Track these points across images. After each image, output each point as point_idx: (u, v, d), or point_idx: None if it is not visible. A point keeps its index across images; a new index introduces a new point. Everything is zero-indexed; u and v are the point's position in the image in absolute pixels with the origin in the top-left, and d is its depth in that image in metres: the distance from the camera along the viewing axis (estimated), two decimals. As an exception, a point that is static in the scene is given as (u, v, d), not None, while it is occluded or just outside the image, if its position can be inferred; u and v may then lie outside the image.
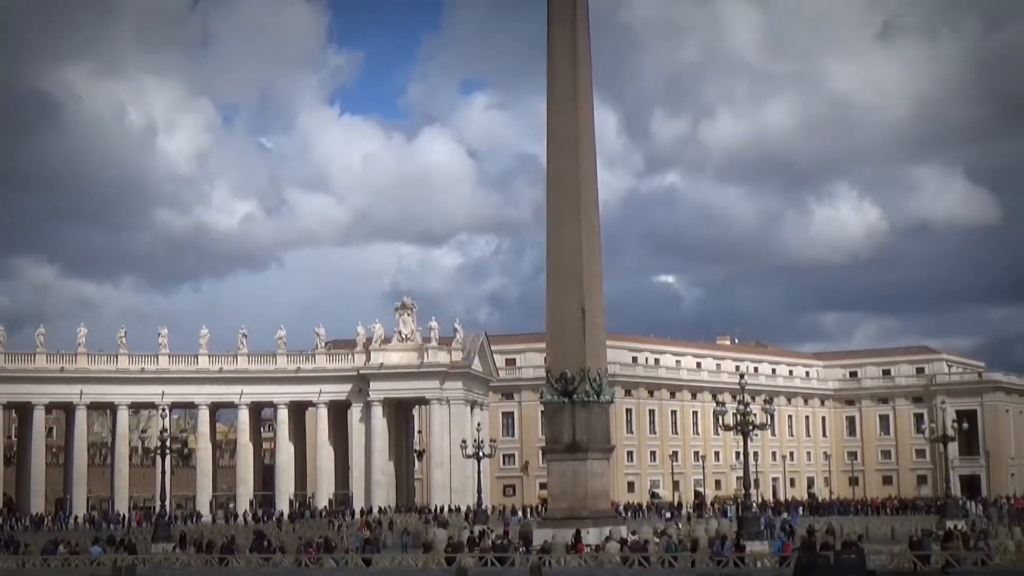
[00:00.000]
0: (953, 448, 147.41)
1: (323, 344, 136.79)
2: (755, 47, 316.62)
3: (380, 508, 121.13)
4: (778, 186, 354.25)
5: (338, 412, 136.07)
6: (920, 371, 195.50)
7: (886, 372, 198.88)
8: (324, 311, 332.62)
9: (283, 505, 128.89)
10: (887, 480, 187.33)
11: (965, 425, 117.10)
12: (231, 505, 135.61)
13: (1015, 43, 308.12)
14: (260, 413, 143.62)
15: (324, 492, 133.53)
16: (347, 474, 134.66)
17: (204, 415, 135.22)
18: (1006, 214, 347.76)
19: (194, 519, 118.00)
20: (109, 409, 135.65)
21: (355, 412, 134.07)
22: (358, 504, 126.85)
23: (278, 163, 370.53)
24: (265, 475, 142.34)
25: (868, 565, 39.33)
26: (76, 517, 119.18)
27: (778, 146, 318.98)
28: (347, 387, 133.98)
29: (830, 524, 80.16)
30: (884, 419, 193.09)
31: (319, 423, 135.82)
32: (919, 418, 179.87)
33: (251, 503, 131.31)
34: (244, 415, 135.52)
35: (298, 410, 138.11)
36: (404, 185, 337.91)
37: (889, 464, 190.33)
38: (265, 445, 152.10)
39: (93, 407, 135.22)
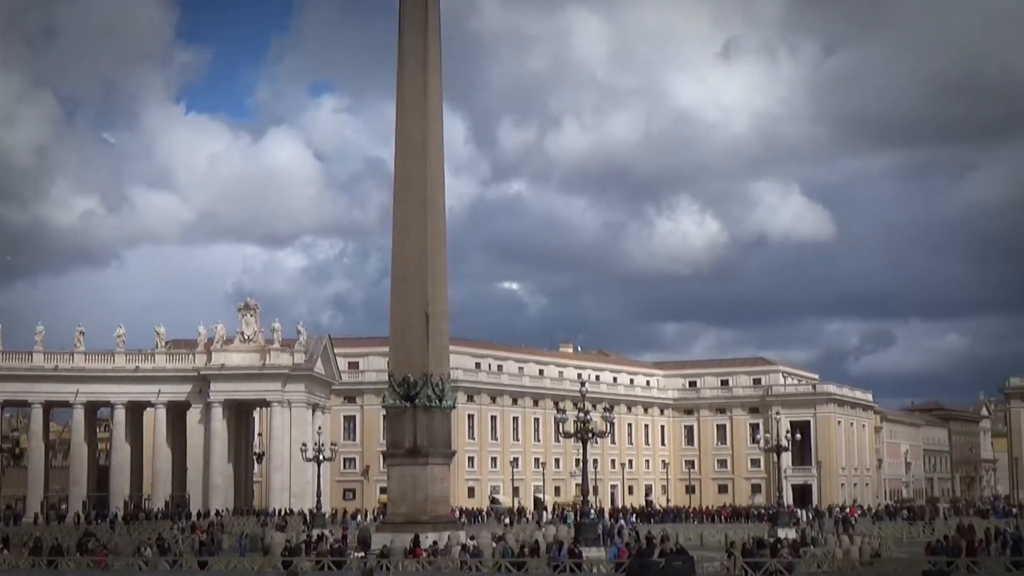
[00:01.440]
0: (787, 458, 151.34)
1: (163, 343, 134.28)
2: (601, 60, 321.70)
3: (218, 511, 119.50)
4: (621, 197, 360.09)
5: (177, 413, 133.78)
6: (757, 382, 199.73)
7: (724, 382, 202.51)
8: (166, 310, 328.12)
9: (118, 507, 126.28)
10: (723, 488, 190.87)
11: (798, 436, 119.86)
12: (63, 506, 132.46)
13: (850, 66, 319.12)
14: (96, 413, 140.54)
15: (161, 494, 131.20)
16: (185, 476, 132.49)
17: (37, 414, 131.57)
18: (840, 230, 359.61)
19: (15, 520, 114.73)
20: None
21: (194, 413, 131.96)
22: (195, 507, 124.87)
23: (121, 159, 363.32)
24: (100, 476, 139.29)
25: (698, 571, 40.29)
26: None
27: (622, 158, 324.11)
28: (187, 388, 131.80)
29: (665, 531, 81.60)
30: (721, 429, 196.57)
31: (157, 424, 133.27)
32: (755, 428, 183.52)
33: (84, 504, 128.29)
34: (79, 415, 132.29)
35: (136, 410, 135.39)
36: (250, 186, 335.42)
37: (725, 473, 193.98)
38: (101, 446, 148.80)
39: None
